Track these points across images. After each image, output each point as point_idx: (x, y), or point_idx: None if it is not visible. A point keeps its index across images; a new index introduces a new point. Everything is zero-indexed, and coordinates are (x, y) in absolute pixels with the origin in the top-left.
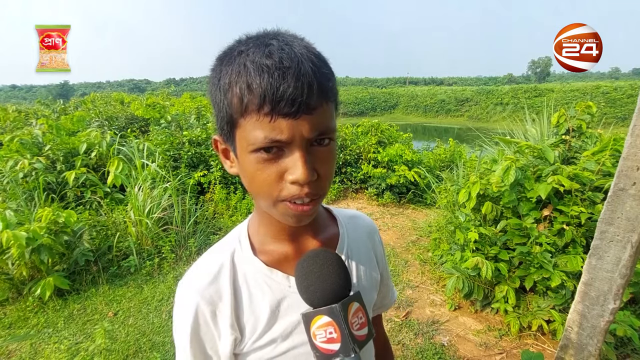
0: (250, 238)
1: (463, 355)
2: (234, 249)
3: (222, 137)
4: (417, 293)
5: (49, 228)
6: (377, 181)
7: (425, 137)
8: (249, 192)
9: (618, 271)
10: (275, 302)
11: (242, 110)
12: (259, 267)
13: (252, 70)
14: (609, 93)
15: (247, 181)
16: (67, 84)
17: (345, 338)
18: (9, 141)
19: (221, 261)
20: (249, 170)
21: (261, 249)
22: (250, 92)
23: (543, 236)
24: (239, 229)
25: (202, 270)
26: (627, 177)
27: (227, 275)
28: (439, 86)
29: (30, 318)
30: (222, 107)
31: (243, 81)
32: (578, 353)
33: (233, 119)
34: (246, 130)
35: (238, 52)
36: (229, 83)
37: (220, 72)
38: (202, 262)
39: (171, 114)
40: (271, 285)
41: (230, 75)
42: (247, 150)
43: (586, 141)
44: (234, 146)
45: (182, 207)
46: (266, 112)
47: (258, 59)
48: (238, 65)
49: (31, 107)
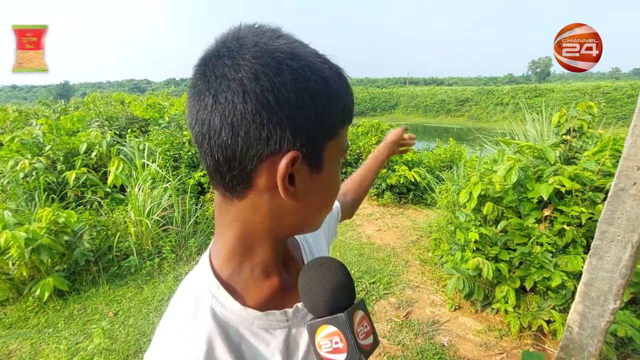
0: (225, 286)
1: (463, 356)
2: (212, 309)
3: (306, 152)
4: (417, 293)
5: (49, 228)
6: (377, 181)
7: (425, 137)
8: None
9: (618, 271)
10: (282, 344)
11: (345, 119)
12: (254, 317)
13: (338, 78)
14: (609, 93)
15: (327, 194)
16: (68, 84)
17: (352, 348)
18: (9, 141)
19: (206, 332)
20: (334, 181)
21: (246, 292)
22: (351, 100)
23: (544, 236)
24: (198, 280)
25: (188, 353)
26: (628, 177)
27: (222, 345)
28: (439, 86)
29: (31, 318)
30: (319, 117)
31: (342, 88)
32: (578, 353)
33: (332, 130)
34: (340, 138)
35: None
36: (336, 90)
37: (306, 76)
38: (180, 343)
39: (171, 114)
40: (271, 330)
41: (328, 82)
42: (336, 161)
43: (587, 141)
44: (319, 161)
45: (183, 207)
46: (351, 120)
47: (329, 66)
48: (322, 71)
49: (32, 108)
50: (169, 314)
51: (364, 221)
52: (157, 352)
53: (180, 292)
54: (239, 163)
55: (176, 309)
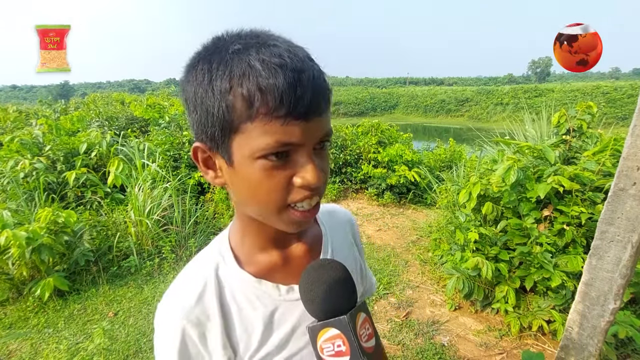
0: (233, 250)
1: (463, 356)
2: (217, 264)
3: (209, 145)
4: (417, 293)
5: (49, 228)
6: (377, 181)
7: (425, 137)
8: (240, 202)
9: (618, 271)
10: (268, 315)
11: (249, 114)
12: (247, 280)
13: (263, 71)
14: (609, 93)
15: (247, 191)
16: (68, 84)
17: (355, 351)
18: (9, 141)
19: (204, 278)
20: (253, 178)
21: (247, 261)
22: (262, 94)
23: (543, 236)
24: (218, 242)
25: (185, 290)
26: (628, 177)
27: (213, 292)
28: (439, 86)
29: (31, 318)
30: (216, 112)
31: (252, 82)
32: (578, 353)
33: (232, 125)
34: (252, 136)
35: (234, 50)
36: (229, 84)
37: (211, 71)
38: (183, 280)
39: (171, 114)
40: (261, 298)
41: (230, 75)
42: (252, 157)
43: (586, 141)
44: (227, 154)
45: (183, 207)
46: (279, 115)
47: (268, 59)
48: (240, 64)
49: (32, 108)
50: (188, 265)
51: (364, 221)
52: (167, 291)
53: (203, 249)
54: None
55: (193, 259)
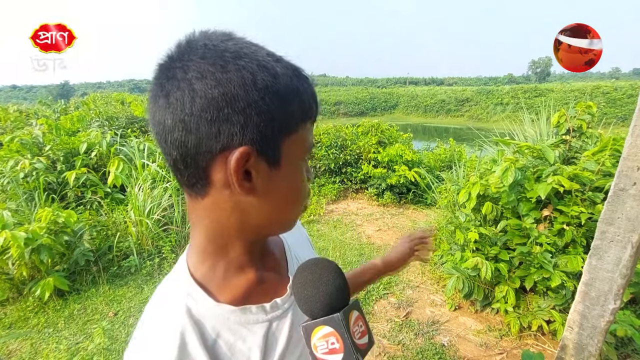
0: (200, 284)
1: (463, 356)
2: (187, 305)
3: (260, 147)
4: (417, 293)
5: (49, 228)
6: (377, 181)
7: (425, 137)
8: (264, 214)
9: (618, 271)
10: (261, 340)
11: (304, 115)
12: (228, 312)
13: (294, 75)
14: (609, 93)
15: (286, 194)
16: (68, 84)
17: (349, 348)
18: (9, 141)
19: (179, 326)
20: (296, 178)
21: (221, 290)
22: (312, 97)
23: (543, 236)
24: (175, 282)
25: (161, 347)
26: (628, 177)
27: (195, 339)
28: (439, 86)
29: (31, 318)
30: (270, 112)
31: (302, 85)
32: (578, 353)
33: (290, 126)
34: (301, 136)
35: (250, 52)
36: (290, 86)
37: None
38: (155, 339)
39: None
40: (249, 326)
41: (278, 78)
42: (299, 159)
43: (586, 141)
44: (276, 156)
45: (183, 207)
46: (313, 118)
47: (284, 64)
48: (272, 68)
49: (32, 107)
50: (146, 314)
51: (364, 221)
52: (134, 350)
53: (157, 293)
54: (193, 160)
55: (153, 308)
